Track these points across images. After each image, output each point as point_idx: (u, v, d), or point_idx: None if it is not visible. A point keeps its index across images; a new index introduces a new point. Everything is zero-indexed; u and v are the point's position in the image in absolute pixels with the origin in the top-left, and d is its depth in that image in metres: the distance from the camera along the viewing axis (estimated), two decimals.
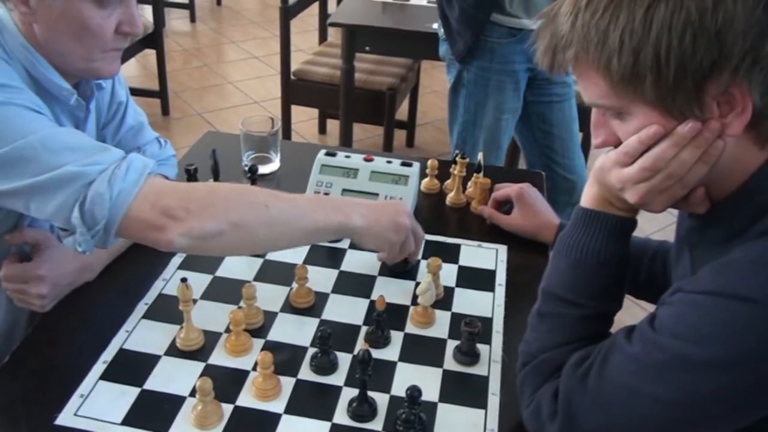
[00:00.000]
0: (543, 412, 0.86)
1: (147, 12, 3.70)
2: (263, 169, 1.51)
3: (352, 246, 1.31)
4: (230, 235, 0.95)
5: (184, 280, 1.03)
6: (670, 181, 0.79)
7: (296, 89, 3.02)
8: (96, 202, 0.91)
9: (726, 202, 0.81)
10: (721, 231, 0.82)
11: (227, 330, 1.08)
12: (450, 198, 1.46)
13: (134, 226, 0.94)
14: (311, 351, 1.06)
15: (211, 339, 1.08)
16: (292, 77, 3.01)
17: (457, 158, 1.44)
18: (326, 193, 1.36)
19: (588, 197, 0.91)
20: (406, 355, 1.07)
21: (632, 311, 2.56)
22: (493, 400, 1.00)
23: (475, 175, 1.44)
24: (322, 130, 3.65)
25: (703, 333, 0.73)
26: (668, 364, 0.75)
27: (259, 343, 1.08)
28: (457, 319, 1.11)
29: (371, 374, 0.94)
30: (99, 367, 1.01)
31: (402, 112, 3.40)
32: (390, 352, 1.07)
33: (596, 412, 0.81)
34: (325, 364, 1.03)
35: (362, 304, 1.17)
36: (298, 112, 3.23)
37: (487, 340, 1.10)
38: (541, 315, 0.92)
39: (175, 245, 0.94)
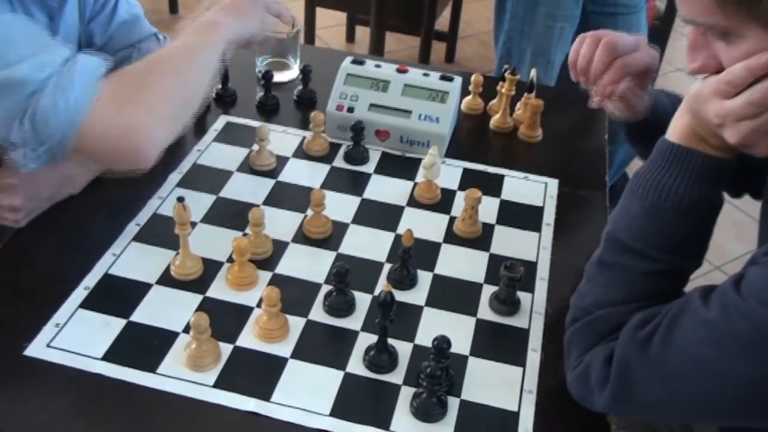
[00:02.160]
0: (592, 377, 0.81)
1: None
2: (279, 77, 1.45)
3: (378, 171, 1.25)
4: (189, 106, 1.01)
5: (181, 199, 0.98)
6: None
7: None
8: (48, 116, 0.88)
9: None
10: None
11: (230, 259, 1.05)
12: (495, 121, 1.38)
13: (98, 144, 0.92)
14: (325, 288, 1.02)
15: (210, 268, 1.04)
16: None
17: (506, 74, 1.36)
18: (351, 109, 1.29)
19: (676, 129, 0.83)
20: (435, 300, 1.02)
21: (709, 274, 2.49)
22: (533, 357, 0.95)
23: (525, 95, 1.37)
24: (350, 38, 3.55)
25: None
26: (752, 336, 0.69)
27: (265, 276, 1.04)
28: (495, 262, 1.06)
29: (393, 319, 0.90)
30: (79, 294, 0.98)
31: (442, 22, 3.28)
32: (416, 295, 1.03)
33: (657, 384, 0.76)
34: (340, 305, 0.99)
35: (386, 237, 1.12)
36: (323, 16, 3.13)
37: (530, 288, 1.05)
38: (602, 264, 0.86)
39: (152, 160, 0.96)
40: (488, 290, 1.04)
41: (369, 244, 1.10)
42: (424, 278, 1.05)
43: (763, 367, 0.68)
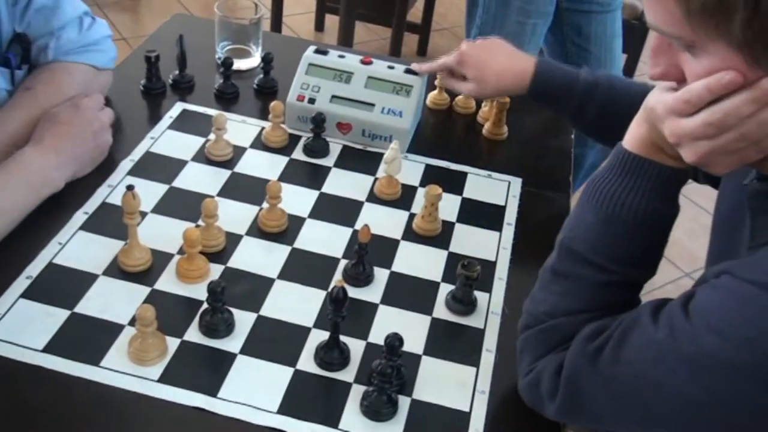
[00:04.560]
0: (542, 387, 0.84)
1: None
2: (240, 64, 1.46)
3: (338, 164, 1.27)
4: None
5: (130, 187, 0.99)
6: (742, 143, 0.72)
7: None
8: None
9: None
10: None
11: (180, 251, 1.06)
12: (459, 101, 1.45)
13: None
14: (278, 284, 1.04)
15: (160, 260, 1.05)
16: None
17: None
18: (312, 100, 1.30)
19: (633, 138, 0.83)
20: (390, 298, 1.05)
21: (663, 269, 2.54)
22: (487, 357, 0.98)
23: None
24: (319, 26, 3.56)
25: (748, 335, 0.68)
26: (700, 361, 0.71)
27: (217, 269, 1.05)
28: (454, 260, 1.09)
29: (345, 316, 0.92)
30: (21, 283, 0.99)
31: (415, 14, 3.31)
32: (371, 293, 1.05)
33: (606, 398, 0.78)
34: (218, 324, 0.96)
35: (344, 233, 1.14)
36: (291, 2, 3.15)
37: (488, 288, 1.08)
38: (555, 273, 0.88)
39: None
40: (445, 289, 1.06)
41: (325, 239, 1.12)
42: (381, 275, 1.08)
43: (711, 391, 0.70)
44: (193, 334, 0.96)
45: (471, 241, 1.16)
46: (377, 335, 0.98)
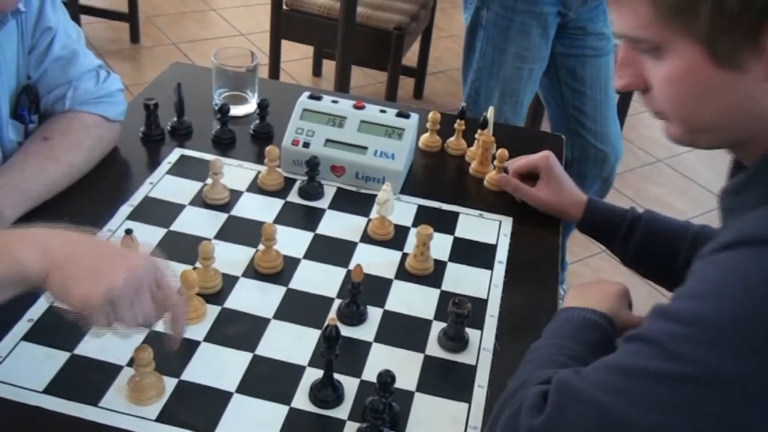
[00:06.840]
0: (523, 410, 0.81)
1: None
2: (236, 111, 1.50)
3: (332, 206, 1.30)
4: None
5: (129, 231, 1.02)
6: None
7: (288, 21, 2.99)
8: None
9: (765, 160, 0.78)
10: (754, 194, 0.78)
11: (178, 293, 1.08)
12: (450, 143, 1.48)
13: None
14: (273, 324, 1.06)
15: None
16: (284, 7, 2.97)
17: (465, 108, 1.43)
18: (306, 144, 1.34)
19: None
20: (383, 336, 1.07)
21: None
22: (479, 393, 1.00)
23: (478, 131, 1.42)
24: (317, 72, 3.63)
25: (723, 289, 0.70)
26: (679, 332, 0.71)
27: (214, 310, 1.08)
28: (446, 299, 1.11)
29: (339, 354, 0.94)
30: (23, 326, 1.01)
31: (411, 57, 3.37)
32: (364, 331, 1.07)
33: (591, 400, 0.76)
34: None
35: (338, 273, 1.17)
36: (289, 48, 3.20)
37: (479, 325, 1.10)
38: (530, 352, 0.96)
39: None
40: (438, 327, 1.08)
41: (320, 279, 1.15)
42: (374, 314, 1.10)
43: (696, 361, 0.69)
44: (191, 374, 0.98)
45: (463, 280, 1.18)
46: (371, 373, 1.00)
